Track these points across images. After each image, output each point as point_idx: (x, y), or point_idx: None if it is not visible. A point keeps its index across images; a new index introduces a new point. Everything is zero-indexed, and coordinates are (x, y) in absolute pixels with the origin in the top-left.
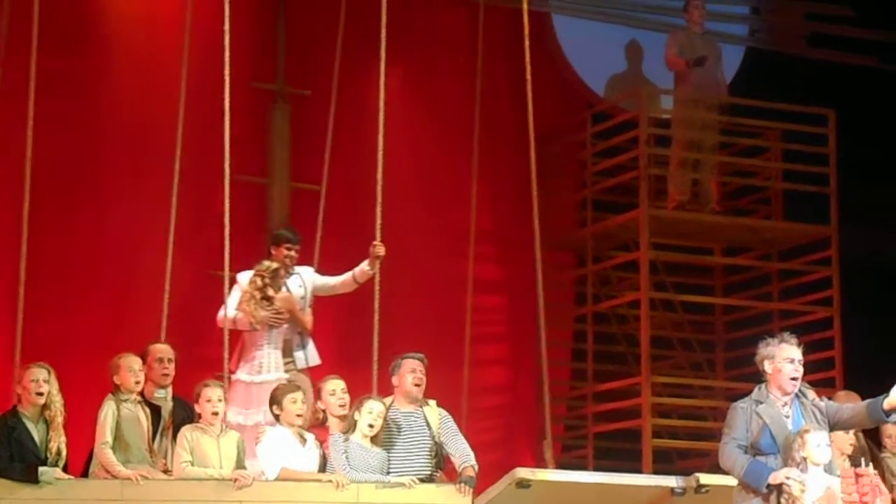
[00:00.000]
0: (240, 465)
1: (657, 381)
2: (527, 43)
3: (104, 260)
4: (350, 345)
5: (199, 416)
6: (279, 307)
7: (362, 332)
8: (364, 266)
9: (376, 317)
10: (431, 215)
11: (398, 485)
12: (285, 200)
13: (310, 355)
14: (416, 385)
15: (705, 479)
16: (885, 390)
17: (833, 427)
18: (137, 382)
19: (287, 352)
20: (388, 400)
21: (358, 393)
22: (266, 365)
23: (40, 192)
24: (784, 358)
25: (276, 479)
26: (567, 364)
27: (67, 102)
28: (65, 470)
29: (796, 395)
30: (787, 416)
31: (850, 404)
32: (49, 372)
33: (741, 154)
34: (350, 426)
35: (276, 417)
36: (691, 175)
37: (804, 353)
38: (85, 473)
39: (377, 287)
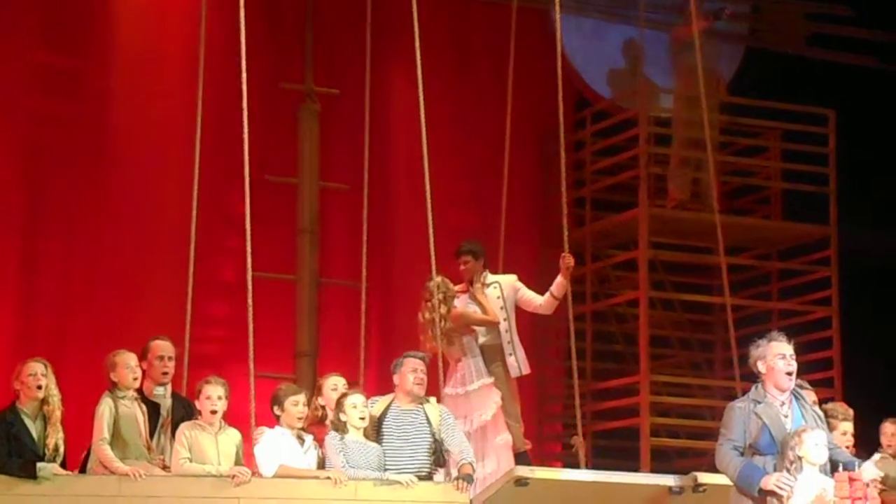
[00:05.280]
0: (238, 462)
1: (656, 380)
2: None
3: (109, 256)
4: (352, 342)
5: (199, 412)
6: (452, 326)
7: (367, 331)
8: (558, 280)
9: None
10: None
11: (396, 482)
12: (315, 200)
13: (522, 363)
14: (418, 384)
15: (703, 478)
16: (882, 390)
17: None
18: (135, 379)
19: (495, 357)
20: (388, 398)
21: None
22: (468, 375)
23: (44, 188)
24: (775, 355)
25: (274, 476)
26: (564, 363)
27: (75, 101)
28: (63, 466)
29: (795, 396)
30: (787, 416)
31: (844, 451)
32: (46, 366)
33: (741, 153)
34: (339, 426)
35: (277, 418)
36: (691, 174)
37: (802, 353)
38: (83, 470)
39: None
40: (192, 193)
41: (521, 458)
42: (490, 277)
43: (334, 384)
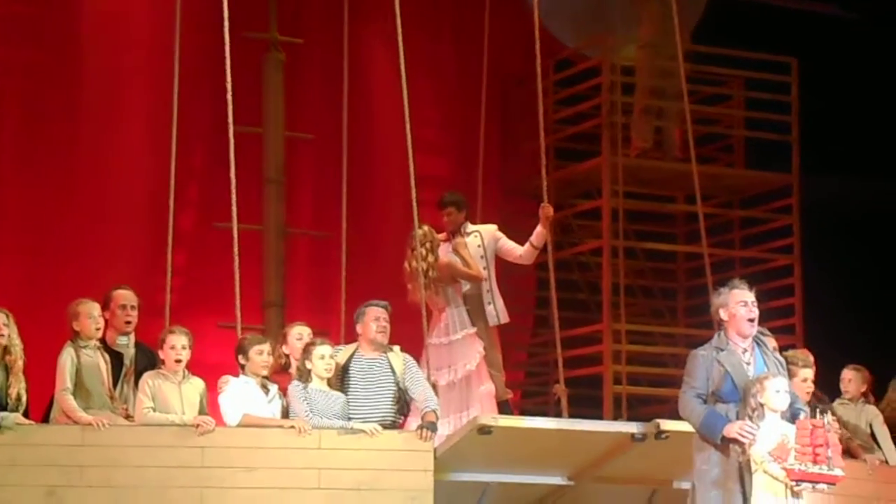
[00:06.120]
0: (202, 411)
1: (618, 329)
2: None
3: (73, 206)
4: (319, 292)
5: (163, 362)
6: (438, 275)
7: (332, 280)
8: (538, 230)
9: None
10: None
11: (360, 431)
12: (280, 149)
13: (500, 312)
14: (381, 332)
15: (665, 425)
16: (844, 337)
17: None
18: (98, 329)
19: (477, 308)
20: (352, 346)
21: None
22: (452, 325)
23: (8, 137)
24: (737, 302)
25: (238, 425)
26: (530, 312)
27: (41, 50)
28: (25, 415)
29: (757, 343)
30: (749, 363)
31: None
32: (8, 316)
33: (704, 102)
34: (304, 374)
35: (242, 367)
36: (654, 122)
37: (764, 300)
38: (45, 419)
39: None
40: (159, 144)
41: (503, 406)
42: (470, 227)
43: (299, 333)
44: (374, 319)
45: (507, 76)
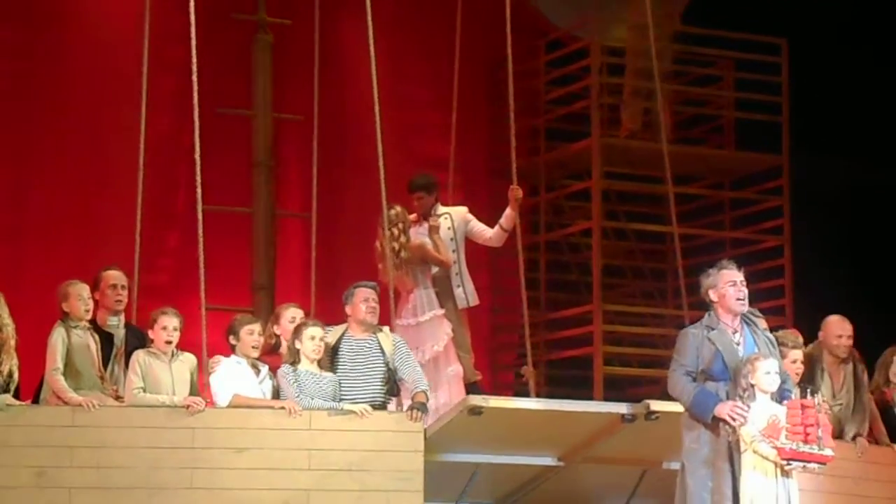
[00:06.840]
0: (193, 388)
1: (609, 309)
2: None
3: (62, 187)
4: (309, 275)
5: (152, 342)
6: (409, 256)
7: (322, 263)
8: (507, 212)
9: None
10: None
11: (350, 412)
12: (269, 132)
13: (470, 295)
14: (370, 313)
15: (655, 405)
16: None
17: None
18: (87, 310)
19: (445, 290)
20: (341, 328)
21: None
22: (420, 307)
23: None
24: (726, 282)
25: (229, 406)
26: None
27: (27, 32)
28: (16, 396)
29: (747, 323)
30: (738, 344)
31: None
32: None
33: (694, 83)
34: (293, 356)
35: (233, 348)
36: (643, 104)
37: (754, 282)
38: (36, 400)
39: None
40: (147, 123)
41: (472, 388)
42: (441, 209)
43: (293, 316)
44: (364, 300)
45: (496, 57)
